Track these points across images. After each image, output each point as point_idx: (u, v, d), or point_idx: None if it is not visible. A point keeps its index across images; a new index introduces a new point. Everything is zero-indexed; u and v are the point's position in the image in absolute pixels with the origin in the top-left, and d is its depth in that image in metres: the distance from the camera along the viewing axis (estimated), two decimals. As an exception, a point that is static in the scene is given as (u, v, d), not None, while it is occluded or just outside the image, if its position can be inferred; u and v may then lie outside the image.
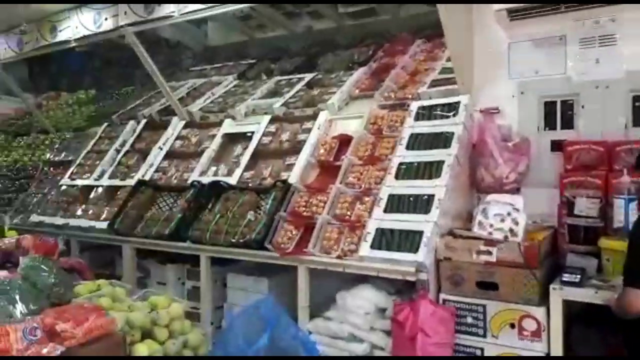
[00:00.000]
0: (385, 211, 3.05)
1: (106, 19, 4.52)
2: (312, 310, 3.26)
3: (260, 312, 2.45)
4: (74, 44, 4.86)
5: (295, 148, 3.94)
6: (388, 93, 3.87)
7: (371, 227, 3.01)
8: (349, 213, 3.23)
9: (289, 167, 3.85)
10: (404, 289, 3.11)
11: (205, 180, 4.11)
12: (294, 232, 3.35)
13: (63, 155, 5.56)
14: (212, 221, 3.71)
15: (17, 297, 1.84)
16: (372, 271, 2.96)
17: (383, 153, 3.44)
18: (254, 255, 3.48)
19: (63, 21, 4.82)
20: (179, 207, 4.11)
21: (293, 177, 3.68)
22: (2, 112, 7.45)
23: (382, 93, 3.88)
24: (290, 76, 5.01)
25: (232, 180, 3.99)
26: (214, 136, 4.57)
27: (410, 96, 3.71)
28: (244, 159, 4.10)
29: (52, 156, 5.66)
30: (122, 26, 4.47)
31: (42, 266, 2.02)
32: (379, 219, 3.03)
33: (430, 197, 2.95)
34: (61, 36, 4.89)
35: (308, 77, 4.81)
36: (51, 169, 5.55)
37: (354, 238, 3.06)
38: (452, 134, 3.20)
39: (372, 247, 2.93)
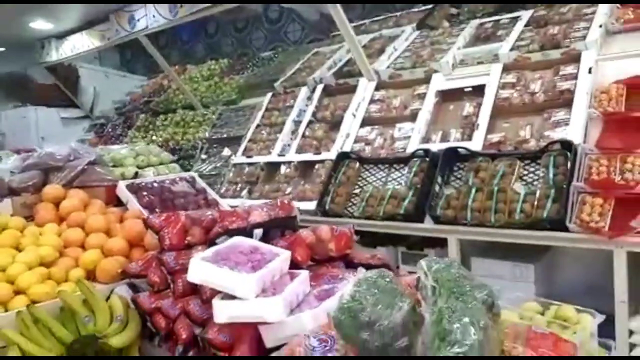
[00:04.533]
0: None
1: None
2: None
3: None
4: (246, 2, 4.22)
5: (558, 100, 3.15)
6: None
7: None
8: (693, 179, 2.43)
9: (557, 124, 3.06)
10: None
11: (435, 147, 3.41)
12: (605, 207, 2.59)
13: (225, 130, 5.03)
14: (469, 197, 3.01)
15: (481, 325, 1.20)
16: None
17: None
18: (543, 238, 2.75)
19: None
20: (400, 181, 3.45)
21: (575, 135, 2.90)
22: (131, 91, 7.08)
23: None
24: (496, 17, 4.18)
25: (475, 145, 3.26)
26: (421, 95, 3.85)
27: None
28: (483, 119, 3.35)
29: (211, 133, 5.15)
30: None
31: (459, 275, 1.38)
32: None
33: None
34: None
35: (525, 14, 3.96)
36: (213, 146, 5.04)
37: None
38: None
39: None
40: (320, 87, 4.54)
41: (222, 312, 1.45)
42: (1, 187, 2.38)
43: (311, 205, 3.66)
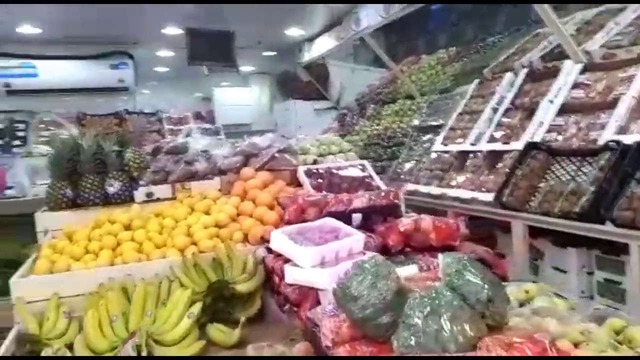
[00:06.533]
0: None
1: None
2: None
3: None
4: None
5: None
6: None
7: None
8: None
9: None
10: None
11: (629, 139, 2.97)
12: None
13: (432, 119, 5.23)
14: (653, 198, 2.58)
15: (447, 317, 1.29)
16: None
17: None
18: None
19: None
20: (589, 177, 3.11)
21: None
22: (370, 83, 7.81)
23: None
24: None
25: (678, 137, 2.73)
26: (631, 78, 3.33)
27: None
28: (696, 105, 2.76)
29: (420, 121, 5.42)
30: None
31: (469, 270, 1.43)
32: None
33: None
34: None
35: None
36: (421, 134, 5.30)
37: None
38: None
39: None
40: (523, 72, 4.30)
41: (289, 275, 1.84)
42: (214, 168, 3.24)
43: (489, 197, 3.62)
